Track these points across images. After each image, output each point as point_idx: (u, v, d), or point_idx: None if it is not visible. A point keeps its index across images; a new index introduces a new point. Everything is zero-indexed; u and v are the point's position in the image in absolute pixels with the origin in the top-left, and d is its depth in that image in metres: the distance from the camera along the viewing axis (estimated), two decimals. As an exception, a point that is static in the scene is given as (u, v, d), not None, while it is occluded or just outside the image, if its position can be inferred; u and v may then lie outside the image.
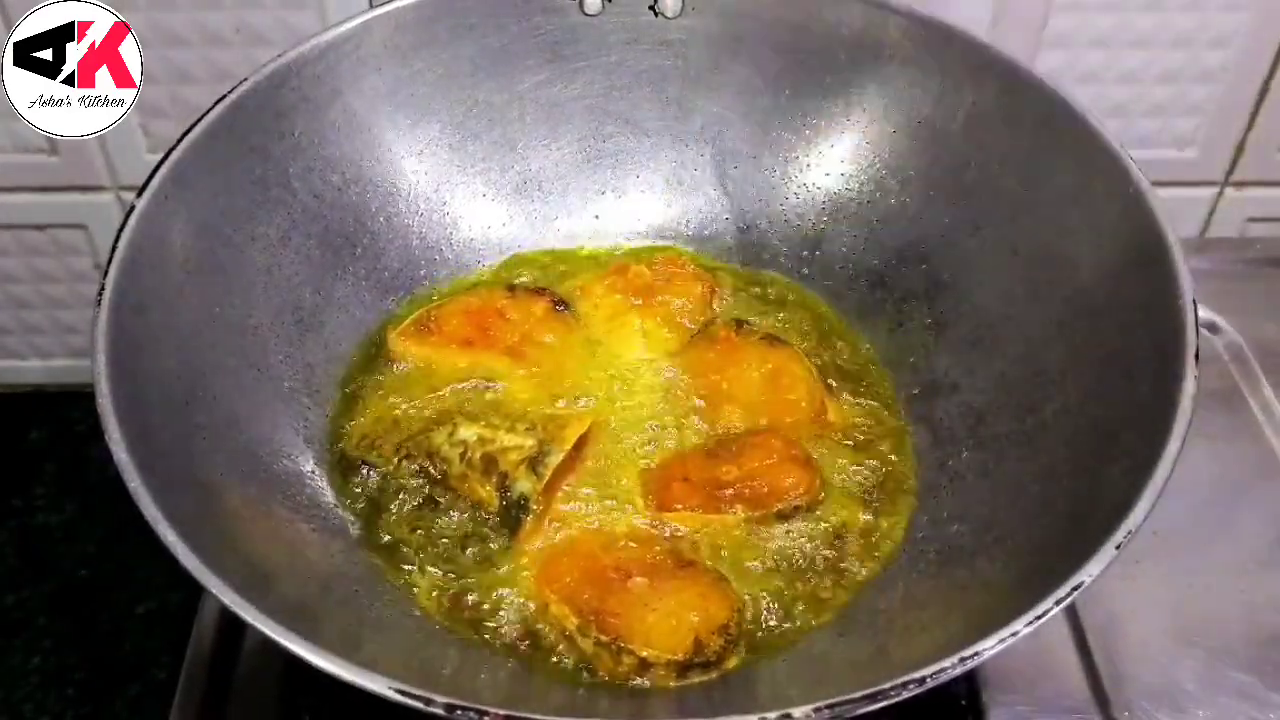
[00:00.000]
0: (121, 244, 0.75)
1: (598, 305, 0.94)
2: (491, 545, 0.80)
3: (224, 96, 0.84)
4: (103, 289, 0.72)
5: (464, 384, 0.89)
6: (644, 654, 0.72)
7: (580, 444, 0.83)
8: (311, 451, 0.84)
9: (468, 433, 0.83)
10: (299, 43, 0.88)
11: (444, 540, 0.80)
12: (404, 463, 0.83)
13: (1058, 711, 0.81)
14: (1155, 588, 0.87)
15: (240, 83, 0.84)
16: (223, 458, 0.76)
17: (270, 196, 0.87)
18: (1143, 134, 1.20)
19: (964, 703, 0.82)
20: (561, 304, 0.93)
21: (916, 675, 0.57)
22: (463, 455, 0.82)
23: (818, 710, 0.56)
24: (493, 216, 0.99)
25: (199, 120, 0.82)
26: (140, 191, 0.77)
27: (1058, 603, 0.60)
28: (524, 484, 0.80)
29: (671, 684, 0.72)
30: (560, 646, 0.74)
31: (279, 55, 0.87)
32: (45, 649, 1.17)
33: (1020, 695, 0.82)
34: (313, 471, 0.83)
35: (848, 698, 0.57)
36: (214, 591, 0.60)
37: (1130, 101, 1.18)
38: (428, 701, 0.57)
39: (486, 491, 0.80)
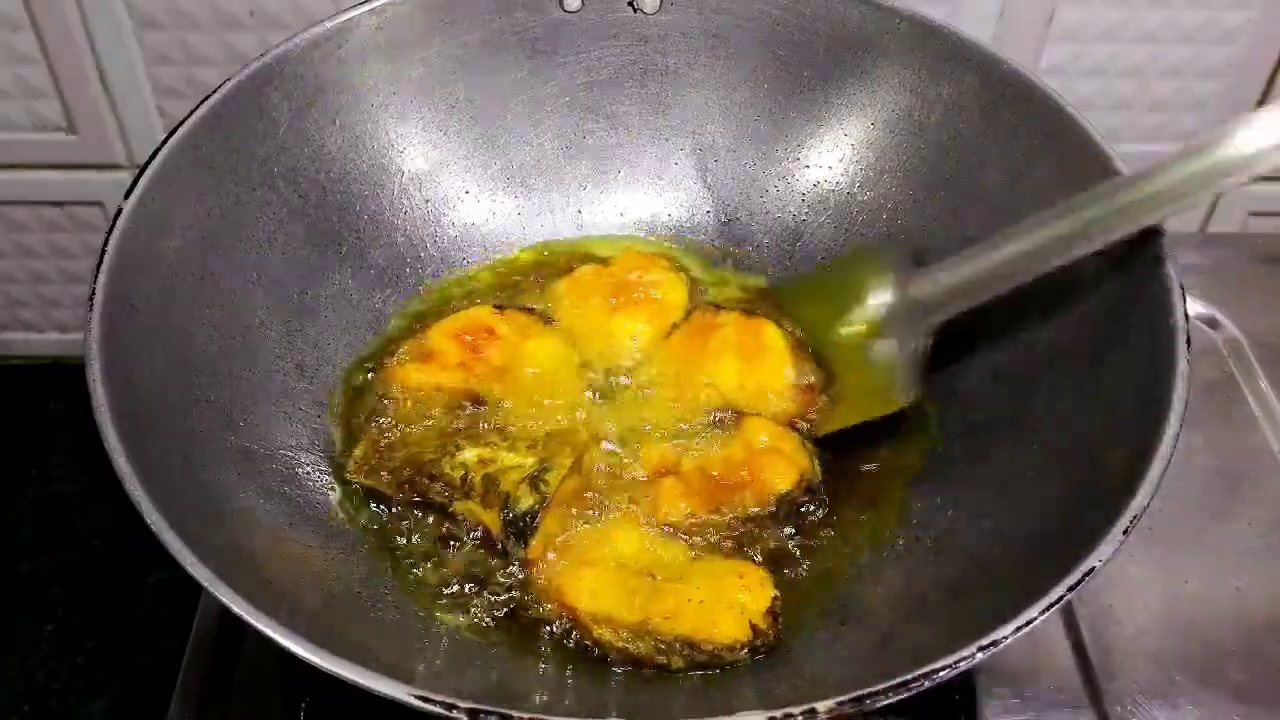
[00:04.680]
0: (110, 249, 0.74)
1: (580, 311, 0.93)
2: (497, 564, 0.79)
3: (206, 98, 0.82)
4: (93, 293, 0.71)
5: (462, 406, 0.86)
6: (709, 645, 0.73)
7: (581, 457, 0.83)
8: (306, 453, 0.83)
9: (469, 454, 0.82)
10: (280, 43, 0.87)
11: (450, 563, 0.79)
12: (405, 488, 0.81)
13: (1051, 705, 0.81)
14: (1149, 582, 0.88)
15: (223, 83, 0.83)
16: (220, 462, 0.75)
17: (255, 197, 0.85)
18: (1147, 128, 1.21)
19: (957, 697, 0.81)
20: (545, 317, 0.92)
21: (940, 664, 0.57)
22: (464, 478, 0.81)
23: (840, 704, 0.56)
24: (477, 214, 0.98)
25: (182, 122, 0.81)
26: (127, 194, 0.76)
27: (1070, 589, 0.60)
28: (526, 501, 0.79)
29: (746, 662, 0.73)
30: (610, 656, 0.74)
31: (261, 55, 0.86)
32: (58, 617, 1.19)
33: (1013, 689, 0.82)
34: (309, 473, 0.82)
35: (873, 689, 0.56)
36: (232, 606, 0.59)
37: (1135, 96, 1.18)
38: (450, 707, 0.57)
39: (489, 516, 0.80)
